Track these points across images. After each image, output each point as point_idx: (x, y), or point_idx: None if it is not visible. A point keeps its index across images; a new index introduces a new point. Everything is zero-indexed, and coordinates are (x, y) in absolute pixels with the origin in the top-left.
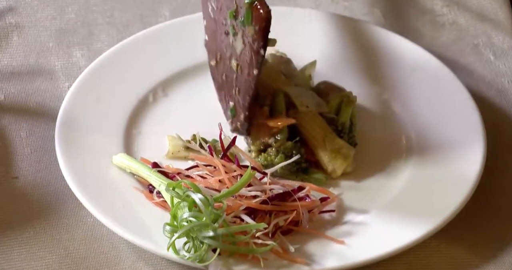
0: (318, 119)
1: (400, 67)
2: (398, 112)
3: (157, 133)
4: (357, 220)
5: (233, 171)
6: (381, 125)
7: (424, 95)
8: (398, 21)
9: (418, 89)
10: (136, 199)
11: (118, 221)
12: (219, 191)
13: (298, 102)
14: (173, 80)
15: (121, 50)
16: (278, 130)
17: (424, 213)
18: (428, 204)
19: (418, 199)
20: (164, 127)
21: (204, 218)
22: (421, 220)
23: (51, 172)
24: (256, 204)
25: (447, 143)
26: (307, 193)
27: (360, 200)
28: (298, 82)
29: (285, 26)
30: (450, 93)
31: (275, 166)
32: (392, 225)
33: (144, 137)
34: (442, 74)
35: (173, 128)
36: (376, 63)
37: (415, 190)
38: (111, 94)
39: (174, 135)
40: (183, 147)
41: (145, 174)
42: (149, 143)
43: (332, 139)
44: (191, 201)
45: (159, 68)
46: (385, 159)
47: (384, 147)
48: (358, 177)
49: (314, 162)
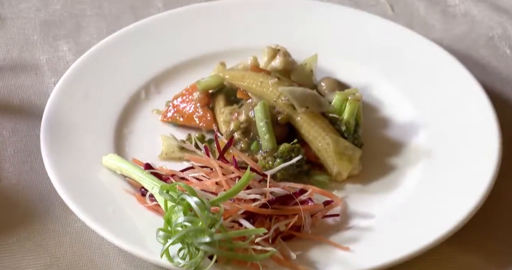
0: (319, 119)
1: (409, 62)
2: (406, 111)
3: (150, 133)
4: (363, 225)
5: (230, 172)
6: (388, 124)
7: (434, 93)
8: (406, 12)
9: (428, 86)
10: (127, 202)
11: (108, 226)
12: (216, 194)
13: (297, 103)
14: (166, 76)
15: (111, 44)
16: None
17: (435, 217)
18: (439, 208)
19: (428, 203)
20: (157, 127)
21: (200, 223)
22: (432, 225)
23: (36, 174)
24: (255, 208)
25: (459, 143)
26: (309, 196)
27: (366, 203)
28: (298, 78)
29: (284, 17)
30: (463, 90)
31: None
32: (400, 230)
33: (136, 136)
34: (453, 69)
35: (167, 128)
36: (383, 58)
37: (425, 193)
38: (101, 90)
39: (168, 134)
40: (177, 147)
41: (137, 176)
42: (141, 142)
43: (335, 140)
44: (186, 204)
45: (152, 63)
46: (392, 160)
47: (391, 148)
48: (364, 179)
49: (317, 164)
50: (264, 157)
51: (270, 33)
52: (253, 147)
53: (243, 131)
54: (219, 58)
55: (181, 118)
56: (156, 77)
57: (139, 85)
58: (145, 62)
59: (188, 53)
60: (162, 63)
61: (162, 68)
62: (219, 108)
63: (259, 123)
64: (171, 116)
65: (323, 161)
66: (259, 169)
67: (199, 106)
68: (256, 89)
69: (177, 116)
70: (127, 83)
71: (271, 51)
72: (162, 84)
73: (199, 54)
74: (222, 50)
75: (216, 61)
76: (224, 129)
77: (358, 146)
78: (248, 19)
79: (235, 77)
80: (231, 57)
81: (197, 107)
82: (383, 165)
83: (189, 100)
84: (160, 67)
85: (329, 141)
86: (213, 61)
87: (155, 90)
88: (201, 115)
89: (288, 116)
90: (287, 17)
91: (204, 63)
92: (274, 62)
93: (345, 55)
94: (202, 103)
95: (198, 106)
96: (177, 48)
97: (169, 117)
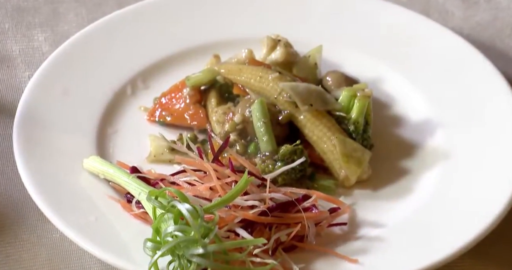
0: (324, 118)
1: (424, 54)
2: (421, 108)
3: (136, 133)
4: (373, 234)
5: (226, 176)
6: (401, 123)
7: (453, 88)
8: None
9: (446, 79)
10: (111, 210)
11: (90, 236)
12: (210, 200)
13: (300, 100)
14: (155, 70)
15: (93, 34)
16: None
17: (453, 227)
18: (458, 217)
19: (446, 211)
20: (145, 126)
21: (192, 233)
22: (450, 236)
23: (9, 178)
24: (254, 216)
25: (481, 144)
26: (313, 202)
27: (376, 211)
28: (301, 72)
29: (284, 4)
30: (485, 84)
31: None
32: (414, 241)
33: (121, 136)
34: (475, 62)
35: (155, 127)
36: (396, 49)
37: (442, 200)
38: (82, 85)
39: (157, 134)
40: (167, 148)
41: (122, 181)
42: (127, 143)
43: (342, 141)
44: (176, 212)
45: (138, 55)
46: (406, 163)
47: (404, 150)
48: (374, 184)
49: (322, 167)
50: (263, 160)
51: (269, 22)
52: (250, 150)
53: (239, 133)
54: (213, 50)
55: (170, 118)
56: (143, 71)
57: (125, 80)
58: (131, 55)
59: (178, 44)
60: (149, 56)
61: (150, 61)
62: (211, 107)
63: (257, 123)
64: (159, 115)
65: (329, 163)
66: (258, 173)
67: (189, 103)
68: (255, 85)
69: (166, 115)
70: (111, 78)
71: (270, 42)
72: (150, 78)
73: (191, 46)
74: (216, 41)
75: (209, 53)
76: (218, 131)
77: (368, 147)
78: (244, 7)
79: (232, 71)
80: (226, 49)
81: (188, 104)
82: (395, 168)
83: (178, 97)
84: (147, 60)
85: (335, 141)
86: (206, 54)
87: (142, 85)
88: (192, 113)
89: (290, 115)
90: (288, 4)
91: (196, 55)
92: (274, 54)
93: (353, 46)
94: (193, 100)
95: (189, 104)
96: (167, 39)
97: (157, 116)
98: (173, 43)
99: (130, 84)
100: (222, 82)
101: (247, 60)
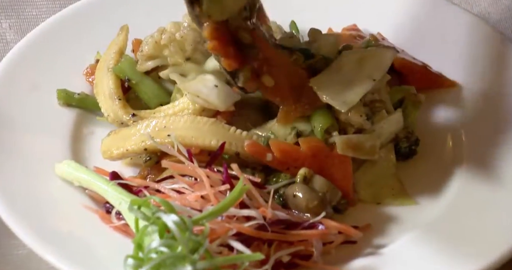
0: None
1: (448, 42)
2: (442, 105)
3: None
4: (385, 251)
5: (220, 183)
6: (418, 122)
7: (478, 78)
8: None
9: (471, 70)
10: (87, 222)
11: (62, 252)
12: (201, 210)
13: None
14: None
15: (65, 20)
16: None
17: (475, 244)
18: (480, 233)
19: (467, 225)
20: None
21: (179, 248)
22: (471, 254)
23: None
24: (250, 229)
25: (510, 146)
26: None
27: (388, 225)
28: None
29: None
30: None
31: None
32: (430, 258)
33: (99, 138)
34: (503, 50)
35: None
36: (417, 36)
37: (463, 213)
38: (53, 79)
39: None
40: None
41: (100, 188)
42: None
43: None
44: (162, 224)
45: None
46: (424, 170)
47: (422, 153)
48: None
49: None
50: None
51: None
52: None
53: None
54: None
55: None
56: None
57: None
58: (106, 43)
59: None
60: (128, 43)
61: (128, 49)
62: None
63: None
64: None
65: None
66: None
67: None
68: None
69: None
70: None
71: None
72: None
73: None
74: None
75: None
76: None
77: (411, 155)
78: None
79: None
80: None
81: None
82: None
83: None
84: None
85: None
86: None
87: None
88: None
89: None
90: None
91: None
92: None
93: (374, 31)
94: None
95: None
96: (145, 25)
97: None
98: (152, 30)
99: None
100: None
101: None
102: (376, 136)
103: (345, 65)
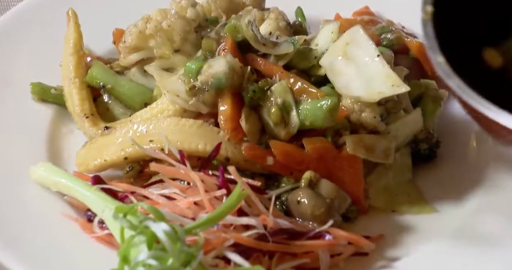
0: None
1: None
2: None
3: None
4: (400, 264)
5: (215, 188)
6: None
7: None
8: None
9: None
10: (66, 232)
11: (39, 267)
12: (194, 218)
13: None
14: (116, 54)
15: (41, 4)
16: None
17: (501, 255)
18: (508, 243)
19: (492, 235)
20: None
21: (170, 260)
22: (498, 268)
23: None
24: (249, 240)
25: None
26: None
27: (404, 235)
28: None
29: None
30: None
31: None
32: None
33: (79, 138)
34: None
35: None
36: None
37: (488, 222)
38: (26, 71)
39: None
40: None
41: (81, 194)
42: None
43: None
44: (150, 234)
45: (96, 32)
46: (444, 174)
47: (443, 156)
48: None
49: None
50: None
51: None
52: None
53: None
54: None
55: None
56: (105, 53)
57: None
58: (85, 30)
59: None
60: (109, 33)
61: (109, 40)
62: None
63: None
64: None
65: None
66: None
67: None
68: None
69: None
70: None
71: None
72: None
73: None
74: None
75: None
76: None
77: (431, 158)
78: None
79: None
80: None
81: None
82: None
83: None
84: (106, 38)
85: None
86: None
87: None
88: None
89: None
90: None
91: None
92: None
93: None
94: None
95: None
96: (127, 13)
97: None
98: (136, 15)
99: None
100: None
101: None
102: (392, 137)
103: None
